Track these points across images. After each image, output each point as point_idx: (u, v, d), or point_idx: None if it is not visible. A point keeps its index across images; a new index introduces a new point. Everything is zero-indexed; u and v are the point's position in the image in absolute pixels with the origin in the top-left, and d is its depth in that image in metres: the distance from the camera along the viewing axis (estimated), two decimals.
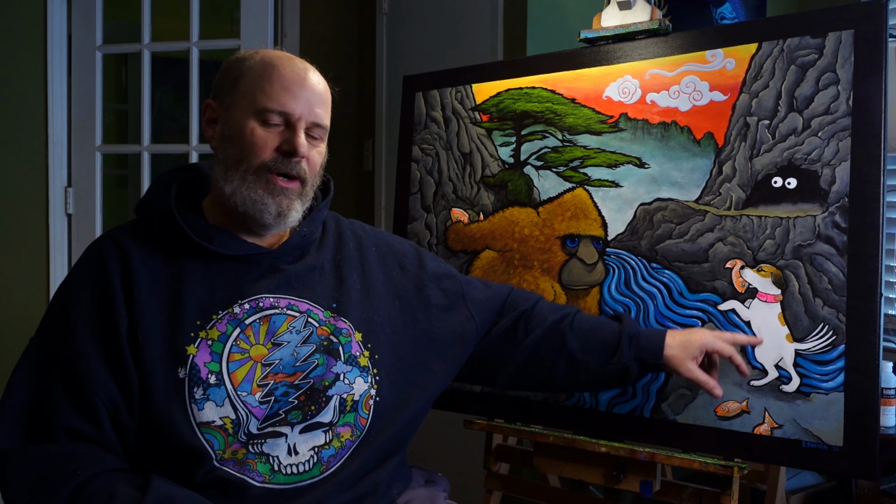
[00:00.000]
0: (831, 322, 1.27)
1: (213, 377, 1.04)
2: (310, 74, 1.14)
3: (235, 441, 1.03)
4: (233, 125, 1.11)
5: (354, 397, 1.11)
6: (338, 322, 1.15)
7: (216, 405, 1.03)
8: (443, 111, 1.77)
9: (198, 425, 1.02)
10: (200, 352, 1.05)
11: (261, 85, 1.10)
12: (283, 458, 1.05)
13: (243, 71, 1.12)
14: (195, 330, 1.06)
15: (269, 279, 1.13)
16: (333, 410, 1.09)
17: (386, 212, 2.83)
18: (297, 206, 1.13)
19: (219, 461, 1.02)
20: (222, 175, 1.11)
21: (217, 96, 1.15)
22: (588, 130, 1.55)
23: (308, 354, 1.11)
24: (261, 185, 1.10)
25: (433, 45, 2.57)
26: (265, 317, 1.10)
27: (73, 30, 2.48)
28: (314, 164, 1.15)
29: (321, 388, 1.09)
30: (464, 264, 1.69)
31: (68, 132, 2.50)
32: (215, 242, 1.10)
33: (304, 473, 1.05)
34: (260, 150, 1.09)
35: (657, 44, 1.49)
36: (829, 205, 1.29)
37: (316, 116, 1.13)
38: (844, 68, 1.29)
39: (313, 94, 1.12)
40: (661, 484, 1.44)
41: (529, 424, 1.56)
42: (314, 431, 1.08)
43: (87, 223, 2.50)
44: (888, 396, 1.80)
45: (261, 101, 1.09)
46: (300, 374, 1.09)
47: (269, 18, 2.42)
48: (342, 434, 1.10)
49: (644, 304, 1.45)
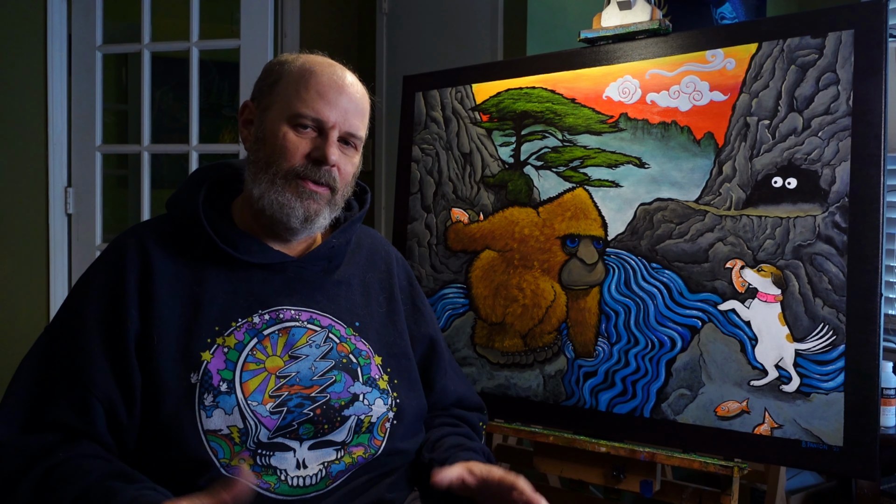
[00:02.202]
0: (831, 322, 1.27)
1: (224, 385, 1.03)
2: (348, 83, 1.11)
3: (243, 449, 1.02)
4: (266, 128, 1.10)
5: (372, 419, 1.09)
6: (358, 343, 1.14)
7: (225, 413, 1.01)
8: (443, 111, 1.77)
9: (204, 432, 1.00)
10: (215, 358, 1.04)
11: (297, 90, 1.08)
12: (290, 471, 1.03)
13: (282, 74, 1.11)
14: (212, 336, 1.05)
15: (293, 290, 1.11)
16: (348, 431, 1.07)
17: (386, 212, 2.83)
18: (325, 212, 1.11)
19: (224, 468, 1.01)
20: (252, 177, 1.10)
21: (255, 97, 1.14)
22: (588, 130, 1.55)
23: (326, 370, 1.09)
24: (289, 188, 1.08)
25: (433, 45, 2.57)
26: (284, 329, 1.08)
27: (73, 30, 2.48)
28: (346, 173, 1.13)
29: (337, 406, 1.07)
30: (464, 264, 1.69)
31: (68, 132, 2.50)
32: (240, 249, 1.09)
33: (310, 486, 1.04)
34: (290, 155, 1.08)
35: (657, 44, 1.49)
36: (829, 205, 1.29)
37: (351, 126, 1.11)
38: (844, 68, 1.29)
39: (350, 102, 1.11)
40: (661, 484, 1.44)
41: (529, 424, 1.56)
42: (325, 449, 1.06)
43: (87, 223, 2.50)
44: (888, 396, 1.80)
45: (295, 107, 1.08)
46: (317, 387, 1.07)
47: (269, 18, 2.42)
48: (354, 452, 1.08)
49: (644, 304, 1.45)
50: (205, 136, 2.52)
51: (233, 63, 2.47)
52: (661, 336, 1.43)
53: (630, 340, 1.47)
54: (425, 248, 1.76)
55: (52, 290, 2.46)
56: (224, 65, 3.30)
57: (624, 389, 1.46)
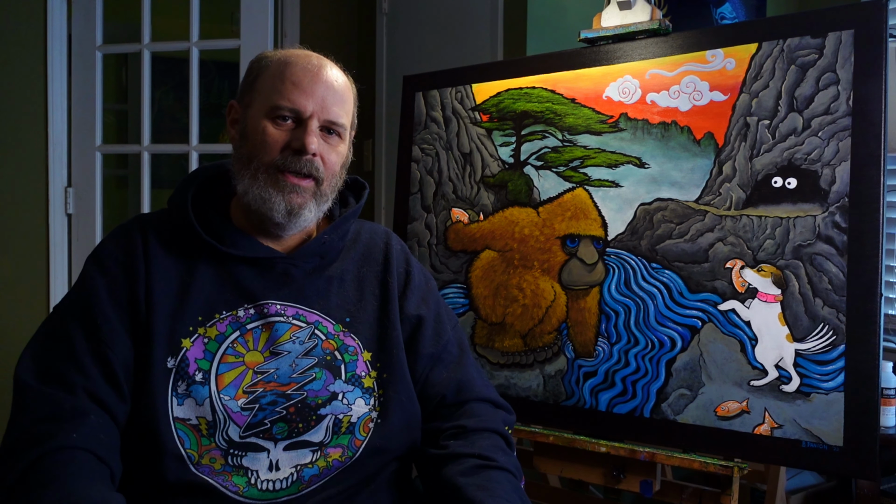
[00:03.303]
0: (831, 322, 1.27)
1: (199, 374, 1.03)
2: (325, 70, 1.10)
3: (213, 445, 1.01)
4: (248, 124, 1.10)
5: (352, 419, 1.07)
6: (346, 338, 1.12)
7: (196, 404, 1.01)
8: (443, 111, 1.77)
9: (173, 419, 1.00)
10: (195, 347, 1.04)
11: (274, 83, 1.08)
12: (262, 473, 1.01)
13: (261, 70, 1.11)
14: (195, 325, 1.05)
15: (280, 285, 1.10)
16: (326, 430, 1.05)
17: (386, 212, 2.83)
18: (310, 205, 1.10)
19: (195, 465, 1.00)
20: (237, 173, 1.11)
21: (239, 97, 1.15)
22: (588, 130, 1.55)
23: (307, 367, 1.07)
24: (271, 182, 1.07)
25: (433, 45, 2.57)
26: (268, 324, 1.08)
27: (73, 30, 2.48)
28: (331, 163, 1.11)
29: (314, 405, 1.05)
30: (464, 264, 1.69)
31: (68, 132, 2.50)
32: (226, 242, 1.09)
33: (280, 490, 1.02)
34: (270, 148, 1.07)
35: (657, 44, 1.49)
36: (829, 205, 1.29)
37: (330, 114, 1.09)
38: (844, 68, 1.29)
39: (328, 90, 1.09)
40: (661, 484, 1.44)
41: (529, 424, 1.56)
42: (301, 450, 1.04)
43: (87, 223, 2.50)
44: (888, 396, 1.80)
45: (273, 99, 1.07)
46: (294, 384, 1.06)
47: (269, 18, 2.42)
48: (330, 454, 1.05)
49: (644, 304, 1.45)
50: (205, 136, 2.52)
51: (233, 63, 2.47)
52: (661, 336, 1.43)
53: (630, 340, 1.47)
54: (425, 248, 1.76)
55: (52, 290, 2.46)
56: (224, 65, 3.31)
57: (624, 389, 1.46)
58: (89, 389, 0.99)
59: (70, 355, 1.01)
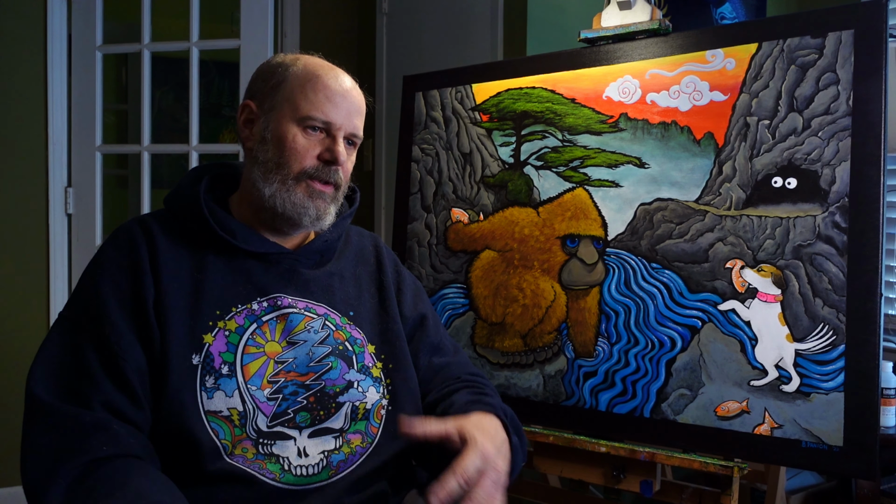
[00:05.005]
0: (831, 322, 1.27)
1: (225, 367, 1.06)
2: (350, 86, 1.18)
3: (244, 436, 1.04)
4: (273, 129, 1.14)
5: (367, 406, 1.13)
6: (353, 331, 1.18)
7: (226, 395, 1.05)
8: (443, 111, 1.77)
9: (205, 412, 1.03)
10: (217, 341, 1.07)
11: (304, 93, 1.14)
12: (293, 460, 1.06)
13: (286, 76, 1.16)
14: (214, 319, 1.09)
15: (288, 280, 1.16)
16: (345, 418, 1.10)
17: (386, 212, 2.83)
18: (331, 209, 1.17)
19: (229, 455, 1.03)
20: (262, 176, 1.14)
21: (255, 98, 1.18)
22: (588, 130, 1.55)
23: (323, 356, 1.12)
24: (301, 188, 1.14)
25: (433, 45, 2.57)
26: (282, 315, 1.12)
27: (73, 30, 2.48)
28: (348, 171, 1.19)
29: (332, 393, 1.11)
30: (464, 264, 1.69)
31: (68, 132, 2.50)
32: (238, 238, 1.13)
33: (313, 476, 1.06)
34: (301, 156, 1.13)
35: (657, 44, 1.49)
36: (829, 205, 1.29)
37: (354, 127, 1.17)
38: (844, 68, 1.29)
39: (353, 105, 1.17)
40: (661, 484, 1.44)
41: (529, 424, 1.56)
42: (325, 436, 1.09)
43: (87, 223, 2.50)
44: (888, 396, 1.80)
45: (304, 109, 1.13)
46: (312, 374, 1.10)
47: (269, 18, 2.42)
48: (353, 441, 1.10)
49: (644, 304, 1.45)
50: (205, 136, 2.52)
51: (233, 63, 2.47)
52: (661, 336, 1.43)
53: (630, 340, 1.47)
54: (425, 248, 1.76)
55: (52, 290, 2.46)
56: (224, 65, 3.31)
57: (624, 389, 1.46)
58: (106, 402, 1.00)
59: (83, 370, 1.02)
